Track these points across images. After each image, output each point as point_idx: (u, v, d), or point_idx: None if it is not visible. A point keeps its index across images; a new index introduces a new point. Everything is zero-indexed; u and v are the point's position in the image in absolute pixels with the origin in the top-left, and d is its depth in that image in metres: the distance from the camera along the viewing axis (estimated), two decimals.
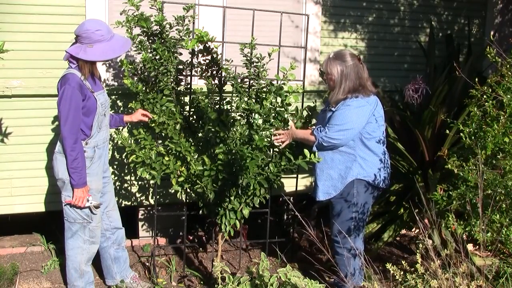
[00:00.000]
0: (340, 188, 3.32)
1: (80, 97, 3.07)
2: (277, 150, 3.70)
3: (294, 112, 3.79)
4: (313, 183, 3.52)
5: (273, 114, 3.51)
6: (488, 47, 2.86)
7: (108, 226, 3.53)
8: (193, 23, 3.63)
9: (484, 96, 2.85)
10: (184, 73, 3.78)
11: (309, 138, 3.38)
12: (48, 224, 4.37)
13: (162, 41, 3.47)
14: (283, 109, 3.52)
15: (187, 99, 3.81)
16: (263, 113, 3.46)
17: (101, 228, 3.42)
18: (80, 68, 3.11)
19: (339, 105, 3.27)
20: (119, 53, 3.19)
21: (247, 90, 3.60)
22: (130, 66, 3.53)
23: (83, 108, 3.11)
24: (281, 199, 4.93)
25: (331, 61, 3.28)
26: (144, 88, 3.52)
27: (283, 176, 3.59)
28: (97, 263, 3.63)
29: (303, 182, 4.58)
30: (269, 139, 3.59)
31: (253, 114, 3.50)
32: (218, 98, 3.73)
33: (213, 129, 3.57)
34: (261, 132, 3.44)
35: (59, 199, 3.28)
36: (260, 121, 3.52)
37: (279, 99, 3.55)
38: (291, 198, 4.60)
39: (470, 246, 3.81)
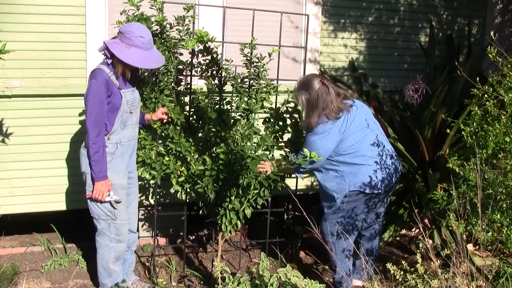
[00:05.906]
0: (338, 202, 3.32)
1: (105, 92, 3.11)
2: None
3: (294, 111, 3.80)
4: None
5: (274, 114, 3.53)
6: (489, 46, 2.85)
7: None
8: (193, 23, 3.63)
9: (485, 96, 2.85)
10: (184, 73, 3.77)
11: (289, 169, 3.48)
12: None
13: (163, 41, 3.47)
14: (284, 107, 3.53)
15: (187, 99, 3.81)
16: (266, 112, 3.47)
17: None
18: (114, 66, 3.15)
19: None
20: (151, 66, 3.23)
21: (247, 90, 3.60)
22: None
23: (108, 104, 3.14)
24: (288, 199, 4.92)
25: (296, 91, 3.34)
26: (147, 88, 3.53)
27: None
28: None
29: (303, 182, 4.57)
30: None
31: (253, 114, 3.50)
32: (218, 98, 3.72)
33: (213, 129, 3.57)
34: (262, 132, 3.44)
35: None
36: (260, 121, 3.53)
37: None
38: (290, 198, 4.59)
39: (470, 246, 3.81)
